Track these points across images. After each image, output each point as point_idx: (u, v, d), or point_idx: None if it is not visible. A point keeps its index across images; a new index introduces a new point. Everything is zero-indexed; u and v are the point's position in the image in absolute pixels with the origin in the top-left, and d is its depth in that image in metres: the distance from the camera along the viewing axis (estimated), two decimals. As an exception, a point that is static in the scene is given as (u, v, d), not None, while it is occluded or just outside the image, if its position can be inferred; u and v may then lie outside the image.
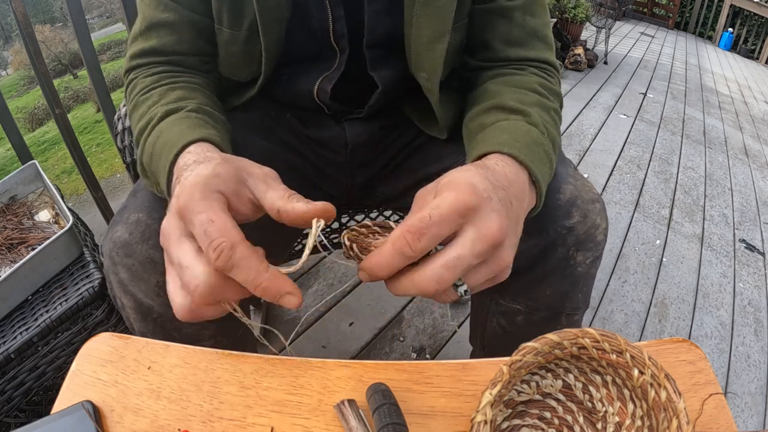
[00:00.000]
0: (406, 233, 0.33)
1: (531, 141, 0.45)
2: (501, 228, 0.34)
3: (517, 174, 0.41)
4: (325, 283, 1.40)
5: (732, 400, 1.29)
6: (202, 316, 0.35)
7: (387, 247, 0.34)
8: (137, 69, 0.56)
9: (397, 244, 0.33)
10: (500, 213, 0.34)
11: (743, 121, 3.79)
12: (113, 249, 0.50)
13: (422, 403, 0.41)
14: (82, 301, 0.76)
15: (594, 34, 4.24)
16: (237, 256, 0.32)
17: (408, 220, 0.34)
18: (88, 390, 0.41)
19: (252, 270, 0.32)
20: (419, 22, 0.52)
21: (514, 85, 0.54)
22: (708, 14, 7.22)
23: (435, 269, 0.33)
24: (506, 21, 0.56)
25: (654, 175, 2.45)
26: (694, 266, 1.82)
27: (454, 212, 0.33)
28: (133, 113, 0.52)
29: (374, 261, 0.34)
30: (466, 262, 0.33)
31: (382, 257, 0.34)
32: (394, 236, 0.33)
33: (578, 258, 0.54)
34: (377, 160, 0.71)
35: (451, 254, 0.33)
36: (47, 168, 4.41)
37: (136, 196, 0.54)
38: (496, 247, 0.34)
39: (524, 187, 0.41)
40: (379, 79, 0.60)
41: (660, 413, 0.34)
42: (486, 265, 0.35)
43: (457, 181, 0.35)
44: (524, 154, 0.42)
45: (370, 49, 0.58)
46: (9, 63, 9.53)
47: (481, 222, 0.34)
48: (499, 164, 0.41)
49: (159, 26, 0.55)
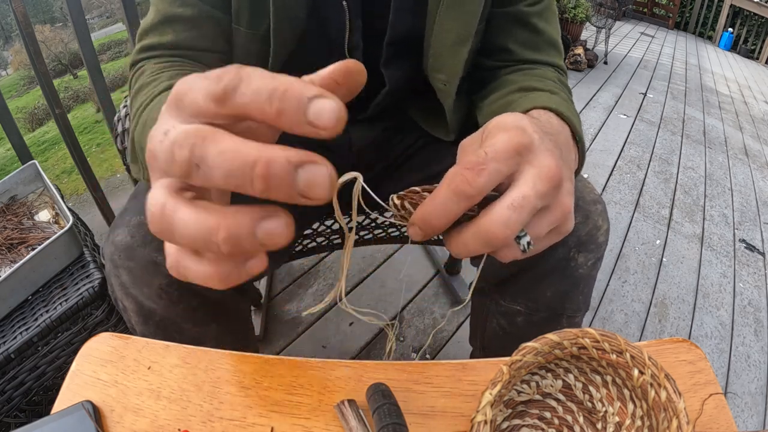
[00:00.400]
0: (464, 170, 0.28)
1: (568, 106, 0.44)
2: (558, 166, 0.30)
3: (562, 126, 0.40)
4: (325, 283, 1.40)
5: (732, 400, 1.29)
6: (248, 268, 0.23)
7: (442, 189, 0.28)
8: (147, 59, 0.52)
9: (455, 183, 0.28)
10: (554, 153, 0.31)
11: (743, 121, 3.79)
12: (115, 252, 0.50)
13: (422, 403, 0.41)
14: (82, 301, 0.76)
15: (594, 34, 4.23)
16: (243, 72, 0.21)
17: (462, 159, 0.29)
18: (88, 390, 0.41)
19: (265, 77, 0.21)
20: (443, 24, 0.52)
21: (534, 75, 0.55)
22: (708, 14, 7.22)
23: (502, 211, 0.28)
24: (524, 27, 0.57)
25: (654, 175, 2.45)
26: (694, 266, 1.82)
27: (512, 149, 0.29)
28: (137, 96, 0.46)
29: (428, 208, 0.29)
30: (531, 202, 0.29)
31: (437, 201, 0.28)
32: (449, 176, 0.28)
33: (579, 259, 0.54)
34: (381, 162, 0.71)
35: (517, 194, 0.29)
36: (47, 168, 4.41)
37: (137, 199, 0.54)
38: (557, 188, 0.31)
39: (569, 141, 0.40)
40: (388, 78, 0.60)
41: (660, 413, 0.34)
42: (549, 210, 0.31)
43: (506, 123, 0.32)
44: (565, 111, 0.41)
45: (389, 46, 0.58)
46: (9, 63, 9.52)
47: (538, 160, 0.30)
48: (542, 116, 0.40)
49: (175, 21, 0.52)
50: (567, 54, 3.80)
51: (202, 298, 0.54)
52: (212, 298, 0.55)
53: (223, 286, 0.23)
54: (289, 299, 1.34)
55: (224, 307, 0.59)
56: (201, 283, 0.23)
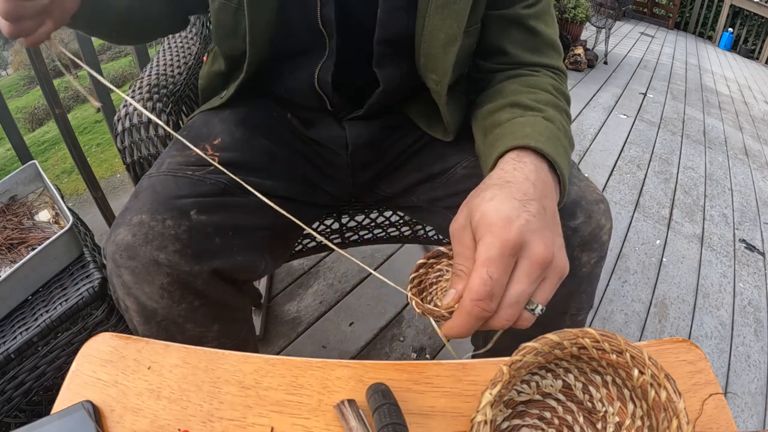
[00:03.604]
0: (478, 302, 0.35)
1: (551, 135, 0.46)
2: (547, 246, 0.36)
3: (539, 170, 0.42)
4: (325, 283, 1.40)
5: (732, 400, 1.29)
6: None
7: (463, 317, 0.36)
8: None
9: (474, 312, 0.35)
10: (541, 232, 0.37)
11: (743, 121, 3.79)
12: (116, 251, 0.50)
13: (422, 403, 0.41)
14: (82, 301, 0.76)
15: (594, 34, 4.23)
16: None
17: (472, 286, 0.35)
18: (88, 390, 0.41)
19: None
20: (433, 24, 0.52)
21: (529, 85, 0.55)
22: (708, 14, 7.22)
23: (503, 312, 0.36)
24: (522, 29, 0.57)
25: (654, 175, 2.45)
26: (694, 266, 1.82)
27: (506, 257, 0.35)
28: None
29: (455, 330, 0.37)
30: (527, 293, 0.36)
31: (462, 326, 0.36)
32: (466, 306, 0.35)
33: (583, 258, 0.54)
34: (378, 161, 0.71)
35: (512, 293, 0.36)
36: (47, 168, 4.41)
37: (138, 198, 0.54)
38: (549, 264, 0.37)
39: (550, 182, 0.42)
40: (381, 78, 0.60)
41: (660, 413, 0.34)
42: (548, 280, 0.37)
43: (491, 219, 0.37)
44: (549, 148, 0.43)
45: (380, 45, 0.57)
46: (9, 63, 9.52)
47: (528, 251, 0.36)
48: (518, 168, 0.42)
49: None
50: (567, 54, 3.80)
51: (204, 298, 0.54)
52: (213, 298, 0.55)
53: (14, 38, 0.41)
54: (289, 299, 1.34)
55: (226, 307, 0.59)
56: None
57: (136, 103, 0.59)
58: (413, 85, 0.61)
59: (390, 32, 0.56)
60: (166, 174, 0.56)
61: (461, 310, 0.36)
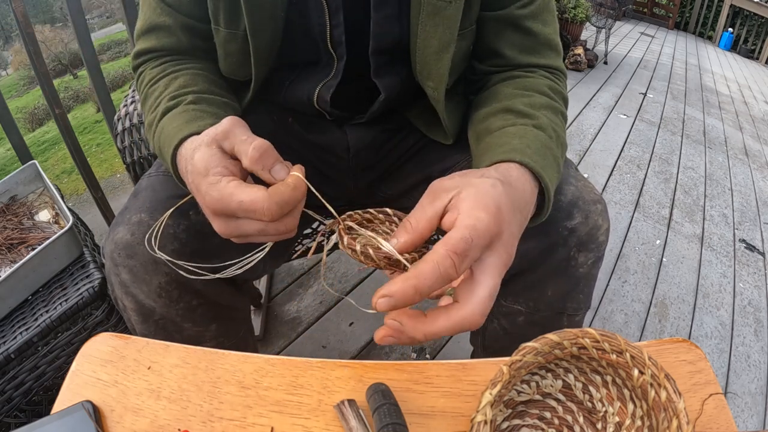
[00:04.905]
0: (452, 254, 0.31)
1: (541, 146, 0.45)
2: (512, 255, 0.36)
3: (528, 185, 0.41)
4: (326, 283, 1.40)
5: (732, 400, 1.29)
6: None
7: (429, 265, 0.31)
8: (144, 63, 0.59)
9: (444, 266, 0.31)
10: (515, 239, 0.36)
11: (743, 121, 3.79)
12: (115, 250, 0.50)
13: (422, 403, 0.41)
14: (82, 301, 0.76)
15: (594, 34, 4.23)
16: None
17: (449, 240, 0.32)
18: (88, 390, 0.41)
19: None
20: (426, 32, 0.52)
21: (525, 88, 0.54)
22: (708, 14, 7.22)
23: (482, 302, 0.33)
24: (517, 30, 0.56)
25: (654, 175, 2.45)
26: (694, 266, 1.82)
27: (487, 237, 0.33)
28: (144, 104, 0.55)
29: (412, 282, 0.31)
30: (497, 288, 0.34)
31: (426, 276, 0.31)
32: (438, 256, 0.31)
33: (580, 259, 0.54)
34: (379, 164, 0.71)
35: (490, 283, 0.34)
36: (47, 168, 4.41)
37: (138, 197, 0.54)
38: (509, 263, 0.36)
39: (533, 201, 0.42)
40: (382, 87, 0.60)
41: (660, 413, 0.34)
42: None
43: (484, 198, 0.35)
44: (537, 162, 0.42)
45: (375, 55, 0.57)
46: (9, 63, 9.53)
47: (502, 250, 0.35)
48: (519, 179, 0.41)
49: (158, 29, 0.57)
50: (567, 54, 3.80)
51: (202, 298, 0.54)
52: (212, 298, 0.55)
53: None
54: (289, 299, 1.34)
55: (224, 306, 0.59)
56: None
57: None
58: (414, 90, 0.61)
59: (384, 42, 0.56)
60: (165, 174, 0.56)
61: (430, 257, 0.31)
